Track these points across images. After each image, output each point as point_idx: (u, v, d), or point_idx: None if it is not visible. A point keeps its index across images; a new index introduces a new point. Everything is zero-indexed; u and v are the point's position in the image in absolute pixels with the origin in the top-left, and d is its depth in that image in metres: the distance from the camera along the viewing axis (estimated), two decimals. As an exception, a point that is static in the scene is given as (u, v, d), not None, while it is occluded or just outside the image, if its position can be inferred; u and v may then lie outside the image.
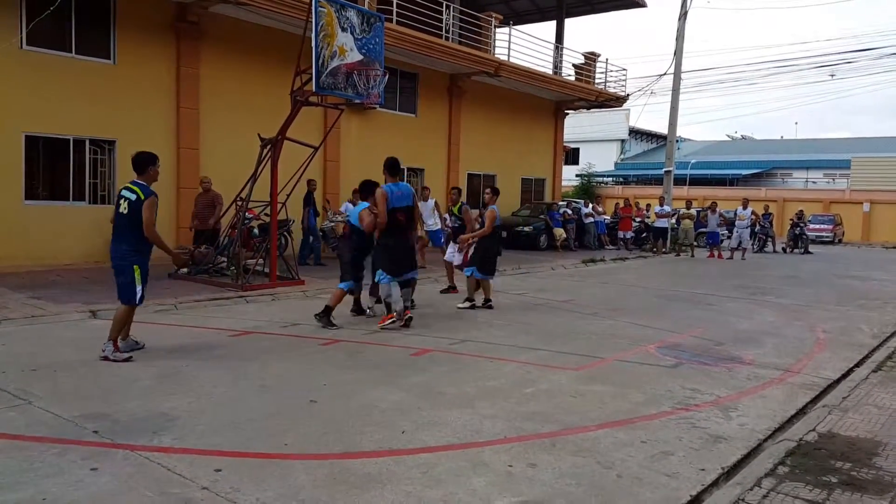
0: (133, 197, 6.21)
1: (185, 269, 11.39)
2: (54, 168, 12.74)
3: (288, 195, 11.24)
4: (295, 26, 12.85)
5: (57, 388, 5.30)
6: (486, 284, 9.90)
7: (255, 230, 12.98)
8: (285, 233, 13.25)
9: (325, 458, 4.07)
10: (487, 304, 9.83)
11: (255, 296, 9.93)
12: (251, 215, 12.15)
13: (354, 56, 10.19)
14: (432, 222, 13.92)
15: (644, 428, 4.81)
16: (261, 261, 11.26)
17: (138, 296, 6.23)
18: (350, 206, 15.16)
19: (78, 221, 12.68)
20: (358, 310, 8.89)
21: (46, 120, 12.28)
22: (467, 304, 9.80)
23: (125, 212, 6.20)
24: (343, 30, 9.97)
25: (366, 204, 8.39)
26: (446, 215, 11.97)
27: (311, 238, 14.11)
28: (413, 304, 8.70)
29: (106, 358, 6.12)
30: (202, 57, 14.16)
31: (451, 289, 11.14)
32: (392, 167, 8.43)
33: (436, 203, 14.33)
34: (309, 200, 13.94)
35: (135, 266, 6.21)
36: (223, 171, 13.34)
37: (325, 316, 8.01)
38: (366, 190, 8.65)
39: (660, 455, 4.30)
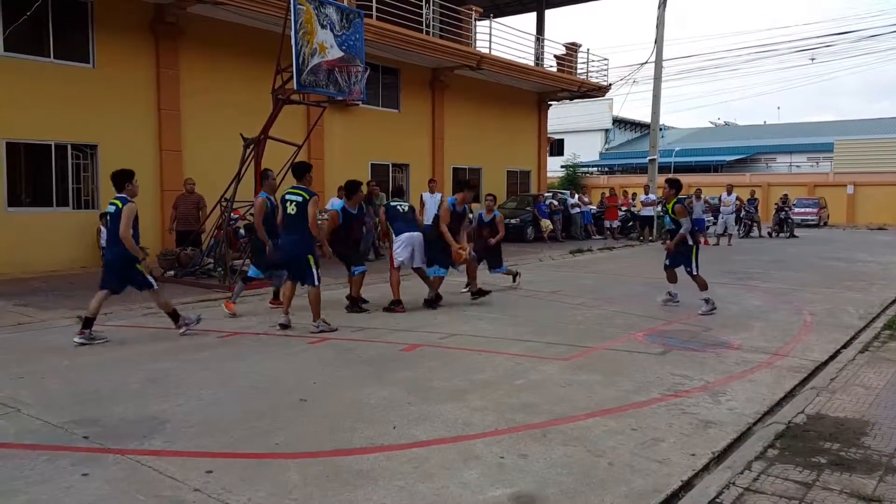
0: (112, 209, 6.98)
1: (171, 272, 11.35)
2: (36, 174, 12.63)
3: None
4: (274, 24, 12.77)
5: (46, 394, 5.26)
6: (471, 267, 10.05)
7: (241, 230, 12.93)
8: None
9: (316, 456, 4.06)
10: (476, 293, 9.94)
11: (242, 296, 9.87)
12: (236, 216, 12.09)
13: (335, 53, 10.17)
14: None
15: (634, 415, 4.84)
16: (247, 261, 11.20)
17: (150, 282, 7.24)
18: (337, 201, 15.17)
19: (62, 227, 12.59)
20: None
21: (27, 126, 12.16)
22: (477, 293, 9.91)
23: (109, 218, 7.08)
24: (322, 27, 9.94)
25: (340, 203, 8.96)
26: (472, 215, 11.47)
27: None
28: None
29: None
30: (181, 58, 14.06)
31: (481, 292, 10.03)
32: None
33: (442, 197, 14.40)
34: (370, 202, 14.63)
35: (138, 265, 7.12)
36: (207, 172, 13.26)
37: (355, 306, 8.72)
38: (351, 189, 8.82)
39: (650, 442, 4.33)
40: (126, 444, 4.20)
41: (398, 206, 9.21)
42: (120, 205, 6.86)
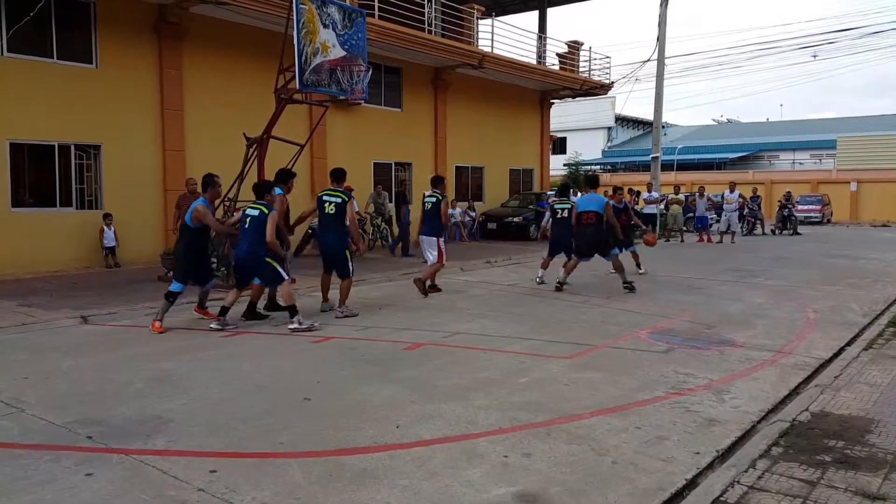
0: (256, 213, 7.75)
1: (173, 271, 11.35)
2: (40, 174, 12.64)
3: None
4: (276, 24, 12.76)
5: (49, 394, 5.27)
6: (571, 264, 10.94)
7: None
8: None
9: (320, 456, 4.07)
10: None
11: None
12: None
13: (337, 52, 10.15)
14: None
15: (638, 413, 4.83)
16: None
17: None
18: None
19: (66, 227, 12.61)
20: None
21: (30, 126, 12.18)
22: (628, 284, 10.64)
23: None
24: (325, 26, 9.93)
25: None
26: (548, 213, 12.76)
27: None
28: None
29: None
30: (184, 58, 14.07)
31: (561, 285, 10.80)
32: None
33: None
34: (404, 199, 16.34)
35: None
36: (209, 172, 13.25)
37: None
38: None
39: (654, 440, 4.32)
40: (130, 444, 4.21)
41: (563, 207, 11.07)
42: (265, 210, 7.66)
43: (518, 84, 22.96)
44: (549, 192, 23.01)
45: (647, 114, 39.59)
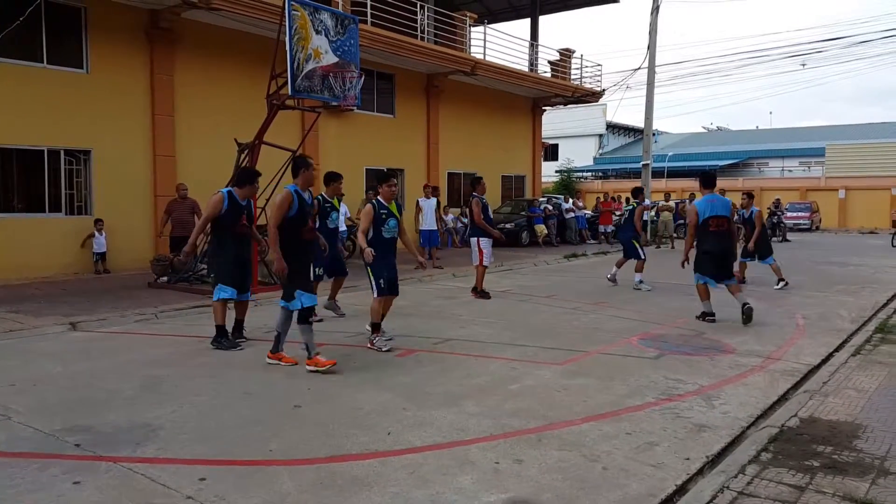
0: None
1: (165, 278, 11.31)
2: (29, 180, 12.58)
3: (267, 200, 11.17)
4: (269, 30, 12.78)
5: (37, 402, 5.23)
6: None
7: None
8: (265, 238, 13.17)
9: (310, 463, 4.05)
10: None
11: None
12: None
13: (329, 58, 10.17)
14: (430, 221, 14.19)
15: (629, 420, 4.84)
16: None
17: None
18: (345, 207, 15.19)
19: (55, 233, 12.55)
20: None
21: (19, 131, 12.12)
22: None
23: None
24: (317, 32, 9.95)
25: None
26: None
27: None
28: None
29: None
30: (176, 63, 14.05)
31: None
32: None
33: (437, 202, 14.60)
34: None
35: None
36: (201, 178, 13.24)
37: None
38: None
39: (645, 446, 4.33)
40: (118, 452, 4.18)
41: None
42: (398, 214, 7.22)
43: (510, 91, 23.05)
44: (540, 199, 23.09)
45: (638, 121, 39.83)
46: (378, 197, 7.14)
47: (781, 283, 11.69)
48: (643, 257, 11.78)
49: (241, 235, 7.35)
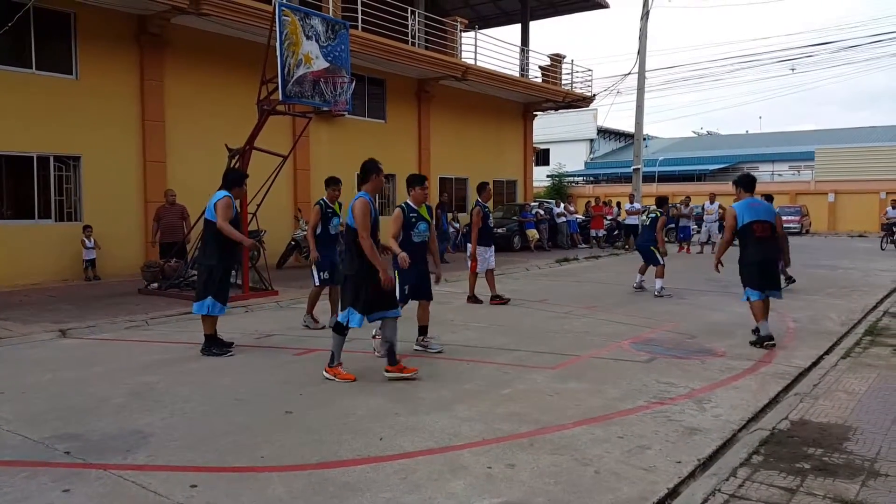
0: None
1: (155, 284, 11.26)
2: (18, 186, 12.51)
3: (258, 205, 11.16)
4: (259, 35, 12.77)
5: (26, 409, 5.19)
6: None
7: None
8: (257, 243, 13.15)
9: (302, 469, 4.04)
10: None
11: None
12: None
13: (320, 64, 10.17)
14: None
15: (620, 423, 4.85)
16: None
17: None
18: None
19: (44, 240, 12.46)
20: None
21: (8, 138, 12.05)
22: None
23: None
24: (308, 38, 9.94)
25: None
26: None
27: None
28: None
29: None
30: (166, 69, 14.01)
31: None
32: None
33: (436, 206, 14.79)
34: (444, 208, 17.63)
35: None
36: (191, 184, 13.21)
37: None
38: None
39: (637, 449, 4.34)
40: (109, 459, 4.15)
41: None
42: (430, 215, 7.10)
43: (501, 96, 23.11)
44: (532, 203, 23.12)
45: (628, 126, 40.02)
46: (408, 200, 7.02)
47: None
48: (662, 262, 11.56)
49: (234, 244, 7.30)
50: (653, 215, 12.17)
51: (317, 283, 8.43)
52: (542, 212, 21.95)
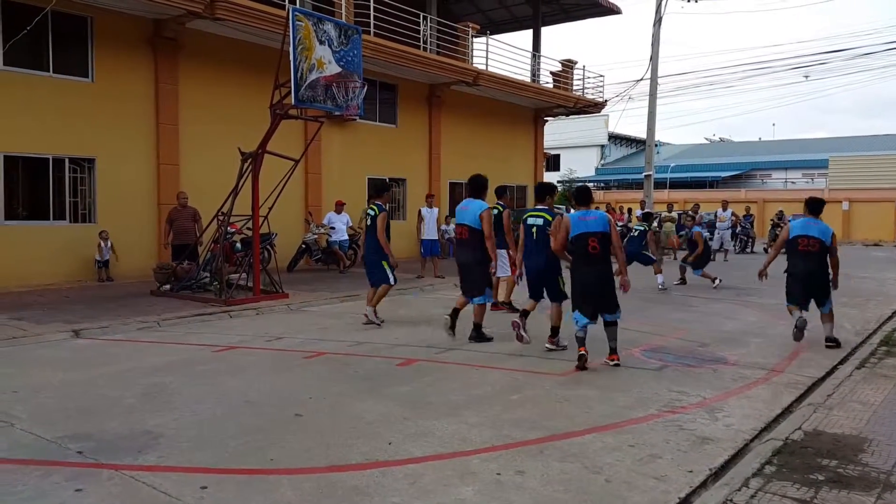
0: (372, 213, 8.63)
1: (167, 286, 11.32)
2: (34, 187, 12.63)
3: (270, 208, 11.20)
4: (273, 40, 12.83)
5: (39, 409, 5.22)
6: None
7: (238, 244, 12.94)
8: (268, 246, 13.22)
9: (311, 473, 4.04)
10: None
11: (238, 310, 9.87)
12: (233, 230, 12.09)
13: (333, 68, 10.20)
14: (432, 231, 14.38)
15: (631, 431, 4.82)
16: (244, 275, 11.20)
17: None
18: (334, 216, 15.24)
19: (59, 241, 12.56)
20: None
21: (25, 140, 12.16)
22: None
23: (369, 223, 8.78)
24: (321, 43, 9.98)
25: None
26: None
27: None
28: None
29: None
30: (180, 72, 14.10)
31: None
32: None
33: (438, 212, 14.81)
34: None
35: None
36: (204, 186, 13.27)
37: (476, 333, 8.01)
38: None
39: (648, 458, 4.31)
40: (120, 460, 4.17)
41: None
42: (549, 218, 7.66)
43: (512, 101, 23.09)
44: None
45: (640, 132, 39.94)
46: (543, 206, 7.92)
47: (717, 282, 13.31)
48: (656, 259, 13.05)
49: None
50: (640, 228, 13.22)
51: (392, 283, 9.02)
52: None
